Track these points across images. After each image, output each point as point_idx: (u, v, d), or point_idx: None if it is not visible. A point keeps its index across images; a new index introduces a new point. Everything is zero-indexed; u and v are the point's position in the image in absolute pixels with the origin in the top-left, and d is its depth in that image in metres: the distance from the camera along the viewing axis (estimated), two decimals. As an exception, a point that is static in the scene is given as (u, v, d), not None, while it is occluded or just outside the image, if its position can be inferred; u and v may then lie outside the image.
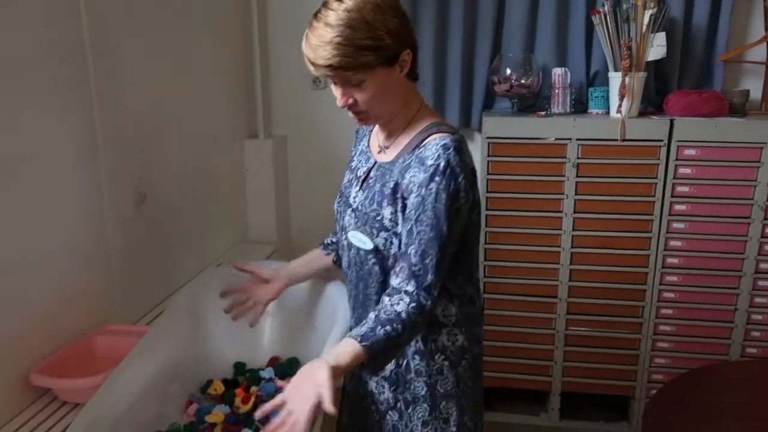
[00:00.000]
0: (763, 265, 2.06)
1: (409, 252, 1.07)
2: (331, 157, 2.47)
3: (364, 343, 1.01)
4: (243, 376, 1.53)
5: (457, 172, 1.06)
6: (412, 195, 1.09)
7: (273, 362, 1.54)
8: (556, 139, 2.08)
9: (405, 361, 1.18)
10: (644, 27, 2.04)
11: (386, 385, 1.21)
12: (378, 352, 1.03)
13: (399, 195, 1.12)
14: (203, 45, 2.07)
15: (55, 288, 1.36)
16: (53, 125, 1.35)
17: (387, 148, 1.19)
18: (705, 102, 2.07)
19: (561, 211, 2.12)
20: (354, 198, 1.21)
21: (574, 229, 2.12)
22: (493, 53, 2.28)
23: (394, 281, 1.09)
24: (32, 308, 1.29)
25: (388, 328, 1.03)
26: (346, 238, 1.21)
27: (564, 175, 2.09)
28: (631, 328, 2.17)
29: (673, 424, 1.47)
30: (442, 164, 1.06)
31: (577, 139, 2.06)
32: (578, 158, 2.07)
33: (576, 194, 2.09)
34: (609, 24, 2.08)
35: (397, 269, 1.09)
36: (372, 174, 1.19)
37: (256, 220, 2.48)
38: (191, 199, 2.01)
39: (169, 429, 1.29)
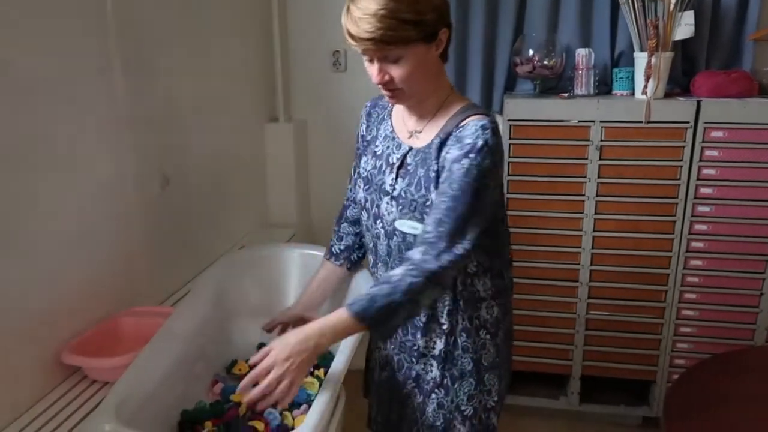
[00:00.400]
0: (790, 250, 2.02)
1: (428, 221, 1.09)
2: (351, 140, 2.45)
3: (352, 308, 1.03)
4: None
5: (493, 152, 1.08)
6: (445, 170, 1.10)
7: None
8: (579, 121, 2.05)
9: (453, 339, 1.21)
10: (672, 5, 1.99)
11: (434, 364, 1.23)
12: (373, 318, 1.03)
13: (439, 171, 1.13)
14: (225, 30, 2.07)
15: (83, 270, 1.39)
16: (81, 108, 1.36)
17: (419, 132, 1.18)
18: (733, 82, 2.02)
19: (583, 195, 2.09)
20: (391, 185, 1.19)
21: (596, 213, 2.10)
22: (516, 34, 2.25)
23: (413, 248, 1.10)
24: (61, 289, 1.32)
25: (381, 291, 1.03)
26: (384, 227, 1.20)
27: (587, 158, 2.06)
28: (654, 313, 2.16)
29: (696, 410, 1.46)
30: (480, 143, 1.07)
31: (601, 122, 2.03)
32: (602, 141, 2.04)
33: (599, 177, 2.07)
34: (635, 3, 2.04)
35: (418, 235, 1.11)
36: (410, 160, 1.17)
37: (277, 203, 2.49)
38: (213, 183, 2.03)
39: (195, 407, 1.32)
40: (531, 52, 2.15)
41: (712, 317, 2.12)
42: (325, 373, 1.27)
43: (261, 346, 1.59)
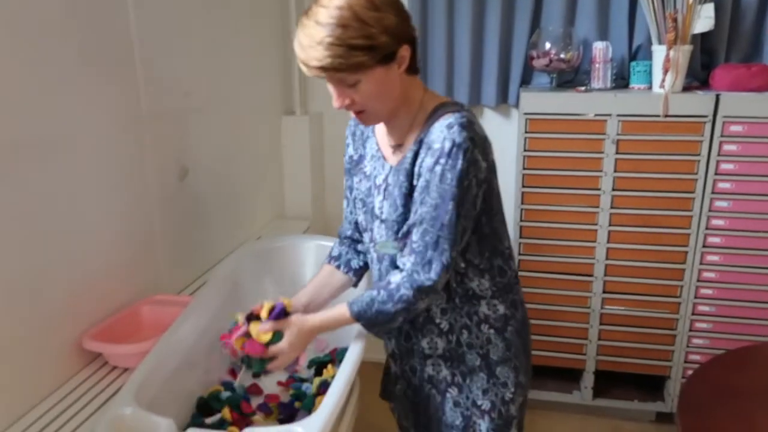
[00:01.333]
0: (810, 246, 2.00)
1: (411, 231, 1.09)
2: (367, 133, 2.47)
3: (353, 308, 1.12)
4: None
5: (464, 148, 1.03)
6: (421, 178, 1.07)
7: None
8: (595, 115, 2.04)
9: (455, 337, 1.19)
10: (691, -2, 1.97)
11: (442, 363, 1.22)
12: (369, 321, 1.12)
13: (413, 186, 1.10)
14: (242, 24, 2.09)
15: (104, 259, 1.42)
16: (100, 100, 1.39)
17: (399, 146, 1.15)
18: (753, 76, 2.00)
19: (599, 189, 2.08)
20: (380, 209, 1.17)
21: (612, 207, 2.09)
22: (533, 27, 2.24)
23: (399, 261, 1.11)
24: (83, 278, 1.35)
25: (379, 297, 1.10)
26: (377, 251, 1.20)
27: (603, 152, 2.05)
28: (669, 308, 2.14)
29: (710, 405, 1.46)
30: (447, 145, 1.03)
31: (618, 115, 2.02)
32: (618, 134, 2.03)
33: (615, 171, 2.05)
34: (654, -5, 2.02)
35: (402, 247, 1.12)
36: (390, 180, 1.15)
37: (293, 195, 2.52)
38: (230, 174, 2.05)
39: (210, 394, 1.35)
40: (548, 45, 2.14)
41: (728, 313, 2.11)
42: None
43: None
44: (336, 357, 1.54)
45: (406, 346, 1.25)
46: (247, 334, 1.17)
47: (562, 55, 2.14)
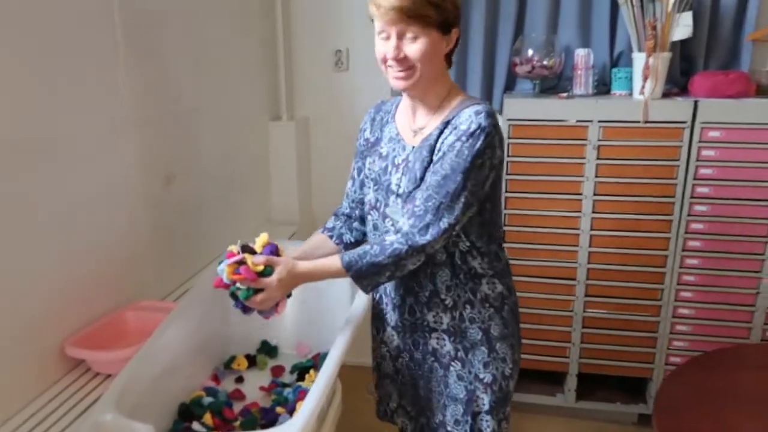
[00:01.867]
0: (786, 249, 2.04)
1: (415, 196, 1.17)
2: (354, 138, 2.47)
3: (344, 258, 1.17)
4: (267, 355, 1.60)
5: (486, 132, 1.13)
6: (439, 153, 1.16)
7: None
8: (577, 121, 2.07)
9: (458, 313, 1.26)
10: (670, 6, 2.00)
11: (446, 338, 1.28)
12: (358, 271, 1.17)
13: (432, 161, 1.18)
14: (227, 28, 2.11)
15: (88, 265, 1.43)
16: (83, 105, 1.39)
17: (423, 128, 1.24)
18: (731, 83, 2.03)
19: (581, 194, 2.11)
20: (397, 184, 1.24)
21: (593, 212, 2.12)
22: (516, 34, 2.27)
23: (398, 223, 1.18)
24: (66, 283, 1.36)
25: (371, 251, 1.16)
26: (394, 225, 1.24)
27: (585, 158, 2.08)
28: (650, 311, 2.18)
29: (686, 407, 1.49)
30: (473, 127, 1.13)
31: (599, 121, 2.05)
32: (599, 140, 2.06)
33: (596, 176, 2.09)
34: (634, 3, 2.05)
35: (403, 211, 1.18)
36: (411, 157, 1.23)
37: (280, 200, 2.53)
38: (217, 180, 2.06)
39: (192, 400, 1.36)
40: (531, 52, 2.17)
41: (708, 315, 2.14)
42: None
43: (264, 343, 1.64)
44: (318, 362, 1.55)
45: (410, 320, 1.30)
46: (241, 262, 1.17)
47: (544, 62, 2.17)
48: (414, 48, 1.13)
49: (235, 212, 2.23)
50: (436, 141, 1.18)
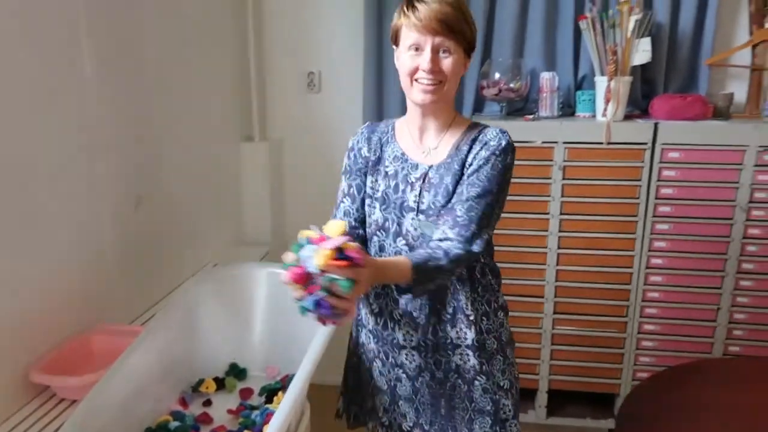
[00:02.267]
0: (745, 265, 2.10)
1: (455, 207, 1.20)
2: (327, 159, 2.52)
3: (413, 258, 1.14)
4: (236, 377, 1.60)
5: (512, 150, 1.23)
6: (472, 167, 1.21)
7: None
8: (543, 142, 2.12)
9: (479, 327, 1.30)
10: (629, 32, 2.09)
11: (470, 353, 1.30)
12: (424, 273, 1.14)
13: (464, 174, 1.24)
14: (199, 48, 2.12)
15: (53, 287, 1.42)
16: (51, 128, 1.39)
17: (435, 149, 1.28)
18: (689, 106, 2.11)
19: (548, 213, 2.16)
20: (415, 201, 1.26)
21: (560, 231, 2.17)
22: (483, 58, 2.33)
23: (437, 234, 1.20)
24: (30, 307, 1.34)
25: (434, 254, 1.16)
26: (408, 242, 1.26)
27: (551, 178, 2.14)
28: (617, 327, 2.22)
29: (648, 421, 1.52)
30: (504, 143, 1.22)
31: (564, 142, 2.11)
32: (564, 161, 2.11)
33: (562, 196, 2.14)
34: (596, 29, 2.13)
35: (441, 222, 1.21)
36: (432, 175, 1.26)
37: (252, 221, 2.53)
38: (187, 201, 2.06)
39: (158, 424, 1.35)
40: (497, 75, 2.23)
41: (672, 331, 2.20)
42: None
43: (232, 365, 1.64)
44: (287, 384, 1.56)
45: (433, 339, 1.32)
46: (338, 250, 0.98)
47: (511, 85, 2.23)
48: (447, 62, 1.19)
49: (205, 234, 2.23)
50: (467, 156, 1.24)
